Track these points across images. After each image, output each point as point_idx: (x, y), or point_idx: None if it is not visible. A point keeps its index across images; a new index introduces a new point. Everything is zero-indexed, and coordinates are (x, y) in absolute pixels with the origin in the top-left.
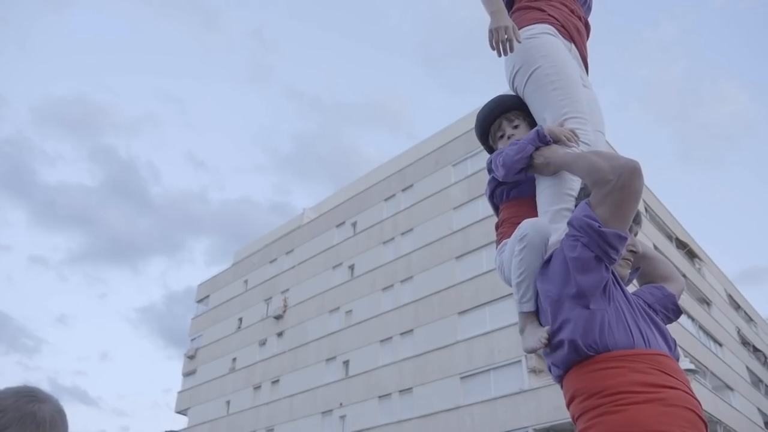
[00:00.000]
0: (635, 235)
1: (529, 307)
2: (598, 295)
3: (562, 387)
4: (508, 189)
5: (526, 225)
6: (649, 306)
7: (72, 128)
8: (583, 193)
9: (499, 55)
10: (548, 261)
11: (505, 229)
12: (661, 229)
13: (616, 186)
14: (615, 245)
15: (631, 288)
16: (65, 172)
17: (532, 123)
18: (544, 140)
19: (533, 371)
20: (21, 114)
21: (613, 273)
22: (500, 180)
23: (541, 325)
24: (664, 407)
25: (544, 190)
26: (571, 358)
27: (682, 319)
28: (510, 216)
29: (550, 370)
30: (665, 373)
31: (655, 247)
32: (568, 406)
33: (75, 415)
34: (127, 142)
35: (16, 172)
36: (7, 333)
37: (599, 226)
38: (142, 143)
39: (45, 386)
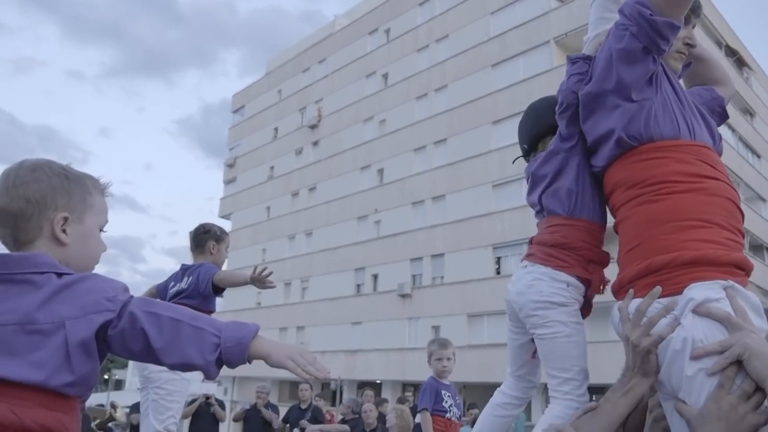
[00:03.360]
0: (693, 27)
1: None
2: (644, 86)
3: (602, 181)
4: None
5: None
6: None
7: None
8: None
9: None
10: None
11: (551, 252)
12: (711, 34)
13: None
14: (666, 35)
15: None
16: None
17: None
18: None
19: None
20: None
21: (662, 65)
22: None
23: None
24: (705, 197)
25: None
26: (614, 151)
27: (722, 129)
28: (560, 240)
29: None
30: (708, 164)
31: None
32: (608, 197)
33: (127, 221)
34: None
35: None
36: (56, 146)
37: (651, 15)
38: None
39: None
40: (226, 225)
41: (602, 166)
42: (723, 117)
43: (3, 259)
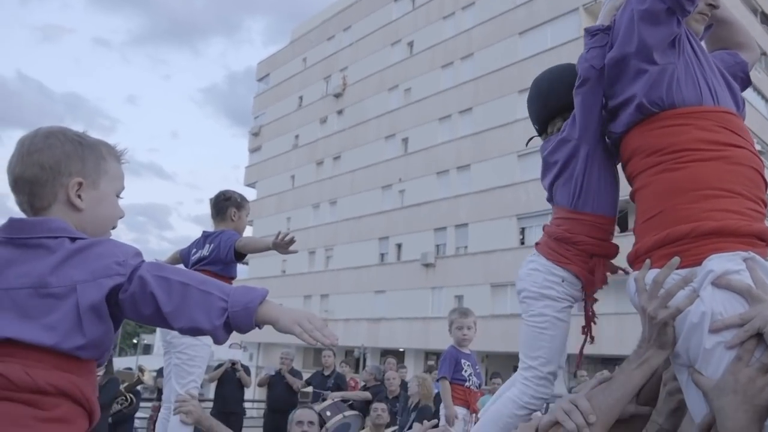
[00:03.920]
0: None
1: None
2: (666, 49)
3: (619, 147)
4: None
5: None
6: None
7: None
8: None
9: None
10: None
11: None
12: (746, 1)
13: None
14: None
15: None
16: None
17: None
18: None
19: None
20: None
21: (684, 27)
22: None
23: None
24: (728, 165)
25: None
26: (634, 116)
27: (755, 99)
28: (564, 234)
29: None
30: (731, 131)
31: None
32: (625, 165)
33: (154, 188)
34: None
35: None
36: (84, 113)
37: None
38: None
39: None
40: (251, 193)
41: (621, 132)
42: (746, 83)
43: (18, 224)
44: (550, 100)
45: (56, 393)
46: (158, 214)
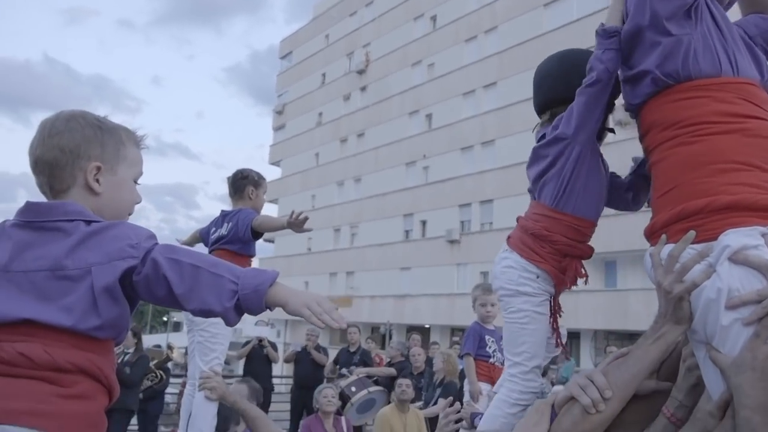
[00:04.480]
0: None
1: None
2: (681, 19)
3: (637, 120)
4: None
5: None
6: (750, 38)
7: None
8: None
9: None
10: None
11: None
12: None
13: None
14: None
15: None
16: None
17: None
18: None
19: (619, 123)
20: None
21: None
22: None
23: None
24: (747, 138)
25: None
26: (650, 88)
27: None
28: (541, 231)
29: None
30: (752, 103)
31: None
32: (642, 138)
33: (180, 168)
34: None
35: None
36: (110, 95)
37: None
38: None
39: (150, 143)
40: (276, 172)
41: (637, 104)
42: None
43: (35, 208)
44: (540, 96)
45: (75, 370)
46: (185, 193)
